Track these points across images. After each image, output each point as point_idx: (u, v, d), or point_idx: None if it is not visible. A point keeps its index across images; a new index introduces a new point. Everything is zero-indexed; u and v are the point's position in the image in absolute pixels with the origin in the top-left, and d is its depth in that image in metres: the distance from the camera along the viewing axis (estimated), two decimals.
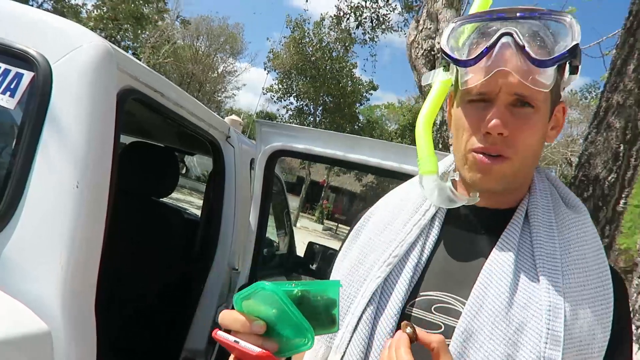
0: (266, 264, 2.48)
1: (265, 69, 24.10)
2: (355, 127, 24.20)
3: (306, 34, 22.44)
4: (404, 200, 0.87)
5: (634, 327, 1.89)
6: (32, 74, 1.00)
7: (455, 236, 0.80)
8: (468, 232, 0.80)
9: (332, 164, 1.66)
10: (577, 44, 0.70)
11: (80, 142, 0.99)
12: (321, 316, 0.63)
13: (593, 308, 0.70)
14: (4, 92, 1.00)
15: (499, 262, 0.73)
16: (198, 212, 2.99)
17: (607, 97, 2.62)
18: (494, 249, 0.75)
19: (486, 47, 0.71)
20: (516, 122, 0.71)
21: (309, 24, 22.57)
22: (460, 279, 0.75)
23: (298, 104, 24.13)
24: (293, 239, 3.20)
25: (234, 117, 2.41)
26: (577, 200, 0.80)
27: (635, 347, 1.85)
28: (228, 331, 0.61)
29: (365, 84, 24.81)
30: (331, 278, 0.84)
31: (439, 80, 0.85)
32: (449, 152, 0.93)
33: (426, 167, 0.81)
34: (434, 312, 0.74)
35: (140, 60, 1.23)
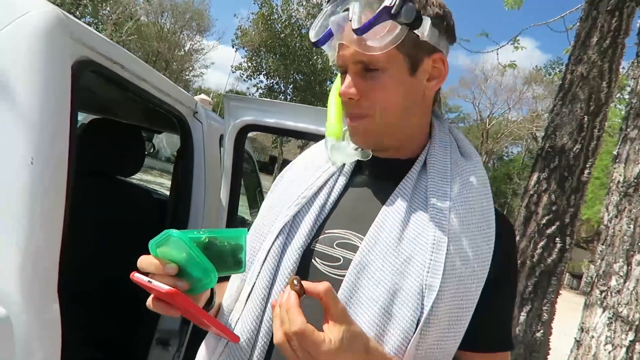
0: None
1: (233, 47, 23.61)
2: (327, 104, 24.05)
3: (274, 10, 22.01)
4: (316, 153, 0.97)
5: (597, 292, 1.96)
6: None
7: (360, 183, 0.89)
8: (373, 179, 0.89)
9: (304, 138, 1.64)
10: (386, 6, 0.75)
11: (33, 116, 0.93)
12: (228, 259, 0.72)
13: (475, 245, 0.78)
14: None
15: (395, 203, 0.82)
16: (168, 193, 2.92)
17: (571, 70, 2.67)
18: (392, 193, 0.83)
19: (329, 28, 0.81)
20: (367, 85, 0.81)
21: None
22: (362, 219, 0.83)
23: (268, 82, 23.81)
24: None
25: (203, 96, 2.33)
26: (471, 150, 0.90)
27: (599, 310, 1.92)
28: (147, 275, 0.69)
29: None
30: (254, 223, 0.92)
31: None
32: None
33: (330, 130, 0.92)
34: (336, 247, 0.82)
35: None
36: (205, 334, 0.88)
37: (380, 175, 0.88)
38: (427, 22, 0.79)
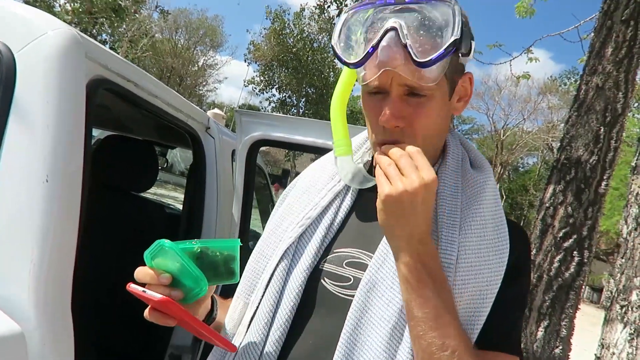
0: None
1: (246, 61, 23.92)
2: None
3: (286, 25, 22.27)
4: (322, 169, 0.93)
5: (618, 307, 1.91)
6: None
7: (368, 200, 0.84)
8: None
9: (313, 152, 1.64)
10: (456, 39, 0.70)
11: (48, 134, 0.94)
12: (220, 268, 0.73)
13: (489, 258, 0.75)
14: None
15: None
16: (181, 207, 2.94)
17: (586, 81, 2.64)
18: None
19: (372, 47, 0.72)
20: (411, 111, 0.75)
21: (288, 14, 22.41)
22: (371, 237, 0.80)
23: (280, 95, 24.01)
24: None
25: (216, 110, 2.35)
26: (482, 162, 0.86)
27: (620, 326, 1.87)
28: (143, 285, 0.71)
29: None
30: (257, 245, 0.91)
31: None
32: None
33: (341, 150, 0.86)
34: (345, 266, 0.80)
35: (117, 54, 1.18)
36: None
37: None
38: (473, 45, 0.76)
